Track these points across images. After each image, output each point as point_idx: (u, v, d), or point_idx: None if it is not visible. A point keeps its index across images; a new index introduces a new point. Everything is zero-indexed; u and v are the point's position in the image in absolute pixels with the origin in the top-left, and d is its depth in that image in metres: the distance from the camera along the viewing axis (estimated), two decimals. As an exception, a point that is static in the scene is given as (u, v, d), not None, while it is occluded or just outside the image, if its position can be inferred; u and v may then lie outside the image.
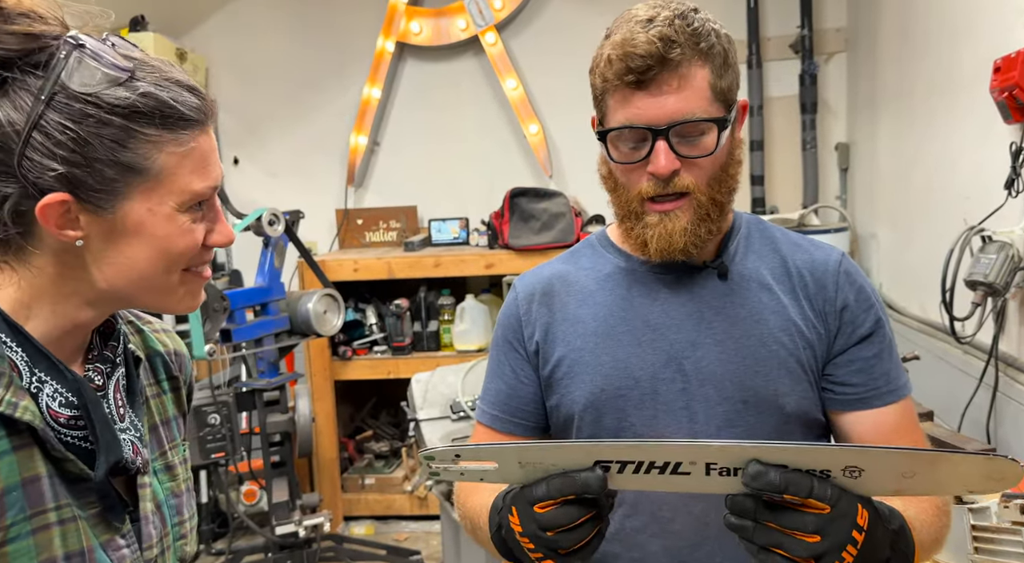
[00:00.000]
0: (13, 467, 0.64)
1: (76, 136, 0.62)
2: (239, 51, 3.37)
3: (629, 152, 0.87)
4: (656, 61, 0.82)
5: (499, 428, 1.00)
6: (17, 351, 0.66)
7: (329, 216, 3.39)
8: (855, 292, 0.93)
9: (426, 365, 2.88)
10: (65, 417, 0.68)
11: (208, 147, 0.68)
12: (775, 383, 0.90)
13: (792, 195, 3.13)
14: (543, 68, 3.23)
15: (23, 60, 0.62)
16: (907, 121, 2.38)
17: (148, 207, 0.66)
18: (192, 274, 0.71)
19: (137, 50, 0.67)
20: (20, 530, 0.63)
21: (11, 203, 0.63)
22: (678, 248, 0.88)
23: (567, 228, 2.96)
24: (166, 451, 0.79)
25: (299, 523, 2.40)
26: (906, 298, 2.45)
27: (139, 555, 0.71)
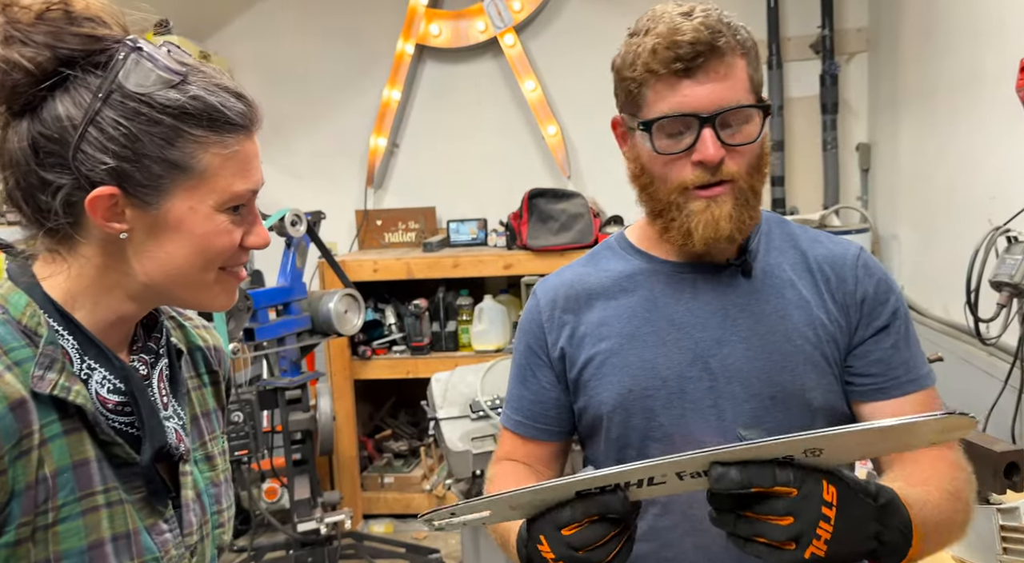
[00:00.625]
0: (64, 450, 0.66)
1: (128, 133, 0.65)
2: (261, 54, 3.41)
3: (671, 142, 0.87)
4: (705, 47, 0.83)
5: (524, 433, 1.02)
6: (68, 339, 0.69)
7: (349, 217, 3.42)
8: (874, 284, 0.94)
9: (445, 365, 2.89)
10: (113, 403, 0.70)
11: (251, 152, 0.71)
12: (802, 378, 0.90)
13: (813, 196, 3.11)
14: (562, 69, 3.24)
15: (85, 60, 0.66)
16: (930, 121, 2.36)
17: (190, 205, 0.68)
18: (228, 274, 0.73)
19: (190, 57, 0.70)
20: (71, 511, 0.66)
21: (63, 194, 0.66)
22: (724, 235, 0.88)
23: (585, 229, 2.97)
24: (206, 442, 0.82)
25: (320, 520, 2.42)
26: (929, 300, 2.43)
27: (180, 540, 0.74)
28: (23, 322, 0.67)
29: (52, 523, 0.65)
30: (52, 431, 0.66)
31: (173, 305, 0.78)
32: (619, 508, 0.67)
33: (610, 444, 0.95)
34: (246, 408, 2.44)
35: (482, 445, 2.29)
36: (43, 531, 0.64)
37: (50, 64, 0.65)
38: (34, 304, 0.68)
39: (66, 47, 0.65)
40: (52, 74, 0.66)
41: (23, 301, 0.68)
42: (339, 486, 3.10)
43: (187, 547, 0.75)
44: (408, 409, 3.55)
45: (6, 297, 0.69)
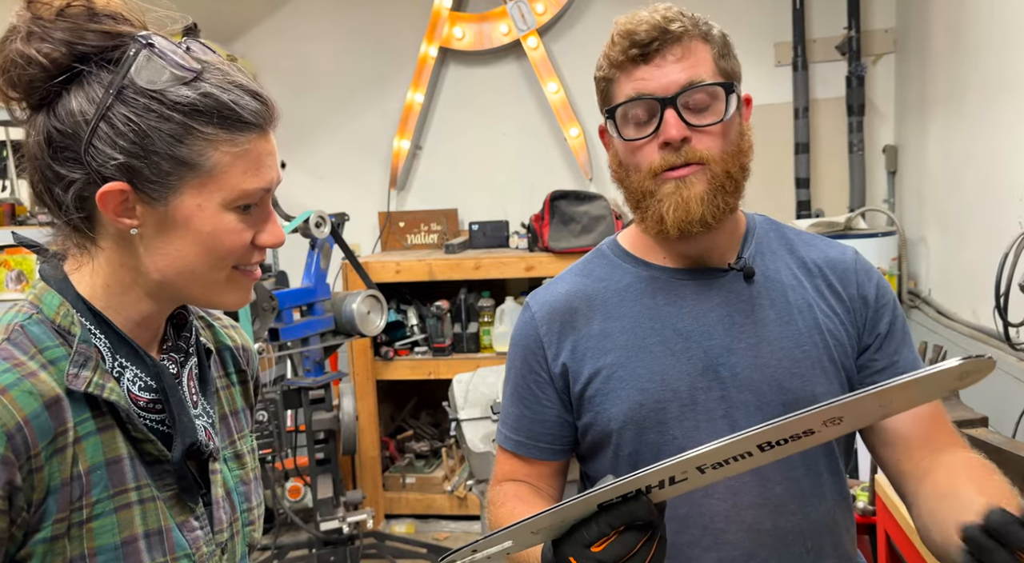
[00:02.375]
0: (98, 447, 0.67)
1: (138, 129, 0.65)
2: (287, 57, 3.45)
3: (638, 129, 0.87)
4: (659, 33, 0.86)
5: (525, 454, 0.98)
6: (101, 338, 0.70)
7: (372, 219, 3.45)
8: (874, 288, 0.94)
9: (466, 366, 2.90)
10: (144, 400, 0.71)
11: (264, 150, 0.70)
12: (812, 383, 0.89)
13: (838, 198, 3.08)
14: (584, 71, 3.24)
15: (99, 56, 0.66)
16: (958, 122, 2.33)
17: (198, 202, 0.68)
18: (240, 272, 0.73)
19: (212, 54, 0.70)
20: (104, 507, 0.67)
21: (76, 188, 0.67)
22: (695, 218, 0.86)
23: (607, 231, 2.96)
24: (235, 440, 0.82)
25: (343, 519, 2.44)
26: (957, 303, 2.40)
27: (211, 537, 0.74)
28: (57, 321, 0.68)
29: (87, 519, 0.66)
30: (86, 429, 0.67)
31: (188, 303, 0.78)
32: (644, 514, 0.65)
33: (620, 461, 0.93)
34: (270, 407, 2.47)
35: (503, 446, 2.30)
36: (78, 527, 0.65)
37: (65, 59, 0.65)
38: (67, 304, 0.69)
39: (83, 43, 0.65)
40: (67, 69, 0.66)
41: (56, 301, 0.69)
42: (361, 486, 3.12)
43: (218, 544, 0.75)
44: (429, 410, 3.57)
45: (40, 297, 0.70)
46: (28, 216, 3.17)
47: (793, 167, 3.06)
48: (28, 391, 0.64)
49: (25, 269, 3.07)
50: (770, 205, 3.19)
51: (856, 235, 2.71)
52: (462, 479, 3.19)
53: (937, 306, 2.54)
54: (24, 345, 0.66)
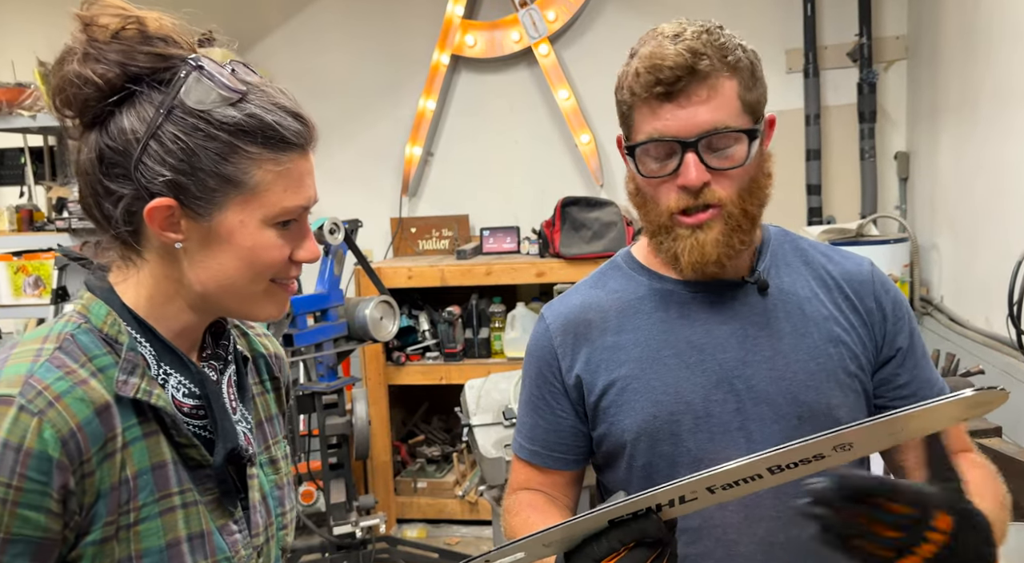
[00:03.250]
0: (144, 453, 0.70)
1: (186, 147, 0.68)
2: (300, 64, 3.48)
3: (657, 166, 0.87)
4: (685, 72, 0.83)
5: (540, 463, 0.99)
6: (146, 346, 0.72)
7: (384, 224, 3.47)
8: (891, 301, 0.94)
9: (477, 371, 2.92)
10: (188, 406, 0.74)
11: (304, 169, 0.73)
12: (827, 396, 0.89)
13: (850, 205, 3.08)
14: (595, 78, 3.26)
15: (151, 77, 0.69)
16: (970, 129, 2.33)
17: (240, 218, 0.70)
18: (278, 286, 0.75)
19: (256, 76, 0.73)
20: (150, 511, 0.69)
21: (125, 203, 0.70)
22: (711, 260, 0.87)
23: (618, 237, 2.97)
24: (270, 446, 0.84)
25: (356, 524, 2.46)
26: (970, 311, 2.39)
27: (249, 541, 0.77)
28: (104, 330, 0.71)
29: (134, 523, 0.68)
30: (132, 434, 0.69)
31: (227, 315, 0.80)
32: (654, 531, 0.66)
33: (635, 471, 0.93)
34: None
35: (515, 452, 2.31)
36: (125, 530, 0.68)
37: (119, 80, 0.68)
38: (114, 313, 0.72)
39: (136, 65, 0.68)
40: (120, 89, 0.69)
41: (104, 311, 0.72)
42: (372, 490, 3.14)
43: (254, 548, 0.77)
44: (441, 415, 3.58)
45: (87, 307, 0.73)
46: (46, 222, 3.21)
47: (804, 174, 3.06)
48: (80, 398, 0.66)
49: (43, 275, 3.11)
50: (781, 212, 3.19)
51: (868, 242, 2.71)
52: (473, 484, 3.21)
53: (949, 313, 2.53)
54: (75, 354, 0.69)
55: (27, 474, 0.63)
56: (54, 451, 0.64)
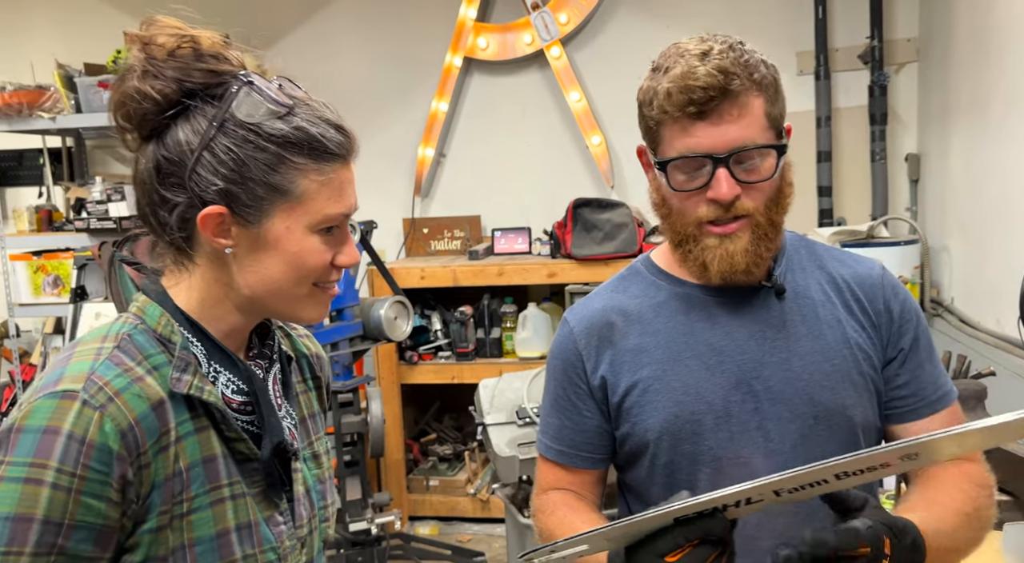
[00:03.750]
0: (196, 446, 0.73)
1: (237, 158, 0.72)
2: (315, 67, 3.52)
3: (687, 180, 0.89)
4: (718, 92, 0.85)
5: (565, 462, 1.01)
6: (197, 345, 0.76)
7: (396, 225, 3.51)
8: (900, 304, 0.97)
9: (489, 371, 2.95)
10: (237, 402, 0.78)
11: (346, 179, 0.77)
12: (842, 396, 0.92)
13: (861, 207, 3.09)
14: (606, 80, 3.28)
15: (204, 92, 0.73)
16: (981, 131, 2.34)
17: (287, 225, 0.74)
18: (320, 289, 0.79)
19: (300, 91, 0.77)
20: (201, 502, 0.73)
21: (179, 211, 0.74)
22: (739, 269, 0.90)
23: (629, 238, 3.00)
24: (312, 442, 0.88)
25: (371, 521, 2.50)
26: (980, 313, 2.40)
27: (293, 532, 0.80)
28: (158, 331, 0.75)
29: (186, 512, 0.72)
30: (185, 429, 0.73)
31: (272, 317, 0.83)
32: (719, 530, 0.69)
33: (657, 470, 0.96)
34: (300, 410, 2.52)
35: (529, 451, 2.33)
36: (179, 519, 0.71)
37: (175, 95, 0.72)
38: (167, 315, 0.75)
39: (191, 81, 0.73)
40: (176, 104, 0.73)
41: (157, 312, 0.76)
42: (386, 488, 3.18)
43: (298, 539, 0.81)
44: (452, 413, 3.61)
45: (143, 309, 0.76)
46: (64, 222, 3.26)
47: (815, 175, 3.08)
48: (137, 394, 0.70)
49: (62, 274, 3.16)
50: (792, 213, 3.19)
51: (878, 243, 2.73)
52: (485, 482, 3.24)
53: (960, 315, 2.55)
54: (132, 352, 0.73)
55: (90, 465, 0.67)
56: (114, 443, 0.68)
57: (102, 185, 3.07)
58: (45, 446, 0.66)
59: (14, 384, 3.23)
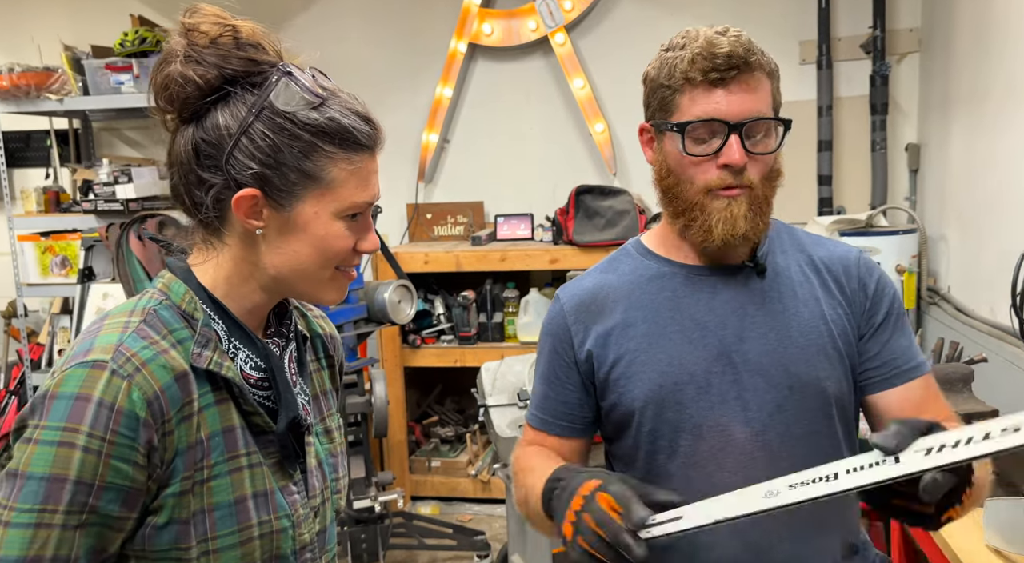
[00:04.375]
0: (216, 417, 0.77)
1: (272, 144, 0.75)
2: (319, 50, 3.52)
3: (701, 146, 0.95)
4: (740, 61, 0.93)
5: (550, 431, 1.07)
6: (218, 322, 0.80)
7: (400, 210, 3.54)
8: (874, 282, 1.03)
9: (491, 355, 2.99)
10: (254, 378, 0.81)
11: (372, 169, 0.80)
12: (816, 369, 0.98)
13: (860, 196, 3.12)
14: (610, 67, 3.30)
15: (244, 79, 0.77)
16: (981, 122, 2.37)
17: (315, 210, 0.78)
18: (341, 272, 0.82)
19: (332, 82, 0.80)
20: (221, 469, 0.77)
21: (215, 192, 0.77)
22: (740, 232, 0.96)
23: (631, 225, 3.03)
24: (324, 418, 0.92)
25: (375, 499, 2.55)
26: (975, 301, 2.44)
27: (307, 501, 0.84)
28: (182, 307, 0.78)
29: (207, 479, 0.76)
30: (206, 401, 0.77)
31: (294, 297, 0.87)
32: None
33: (642, 437, 1.01)
34: (306, 391, 2.57)
35: (529, 432, 2.38)
36: (200, 485, 0.75)
37: (216, 81, 0.76)
38: (191, 292, 0.79)
39: (231, 68, 0.76)
40: (217, 90, 0.76)
41: (182, 289, 0.79)
42: (388, 469, 3.23)
43: (312, 508, 0.85)
44: (454, 396, 3.67)
45: (168, 285, 0.80)
46: (72, 203, 3.30)
47: (816, 164, 3.11)
48: (163, 366, 0.74)
49: (69, 255, 3.20)
50: (792, 202, 3.23)
51: (876, 232, 2.76)
52: (486, 463, 3.29)
53: (956, 303, 2.59)
54: (157, 327, 0.77)
55: (119, 430, 0.71)
56: (141, 411, 0.71)
57: (109, 167, 3.09)
58: (77, 412, 0.70)
59: (22, 363, 3.28)
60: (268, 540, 0.79)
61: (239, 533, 0.77)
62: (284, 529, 0.80)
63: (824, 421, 0.99)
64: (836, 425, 1.00)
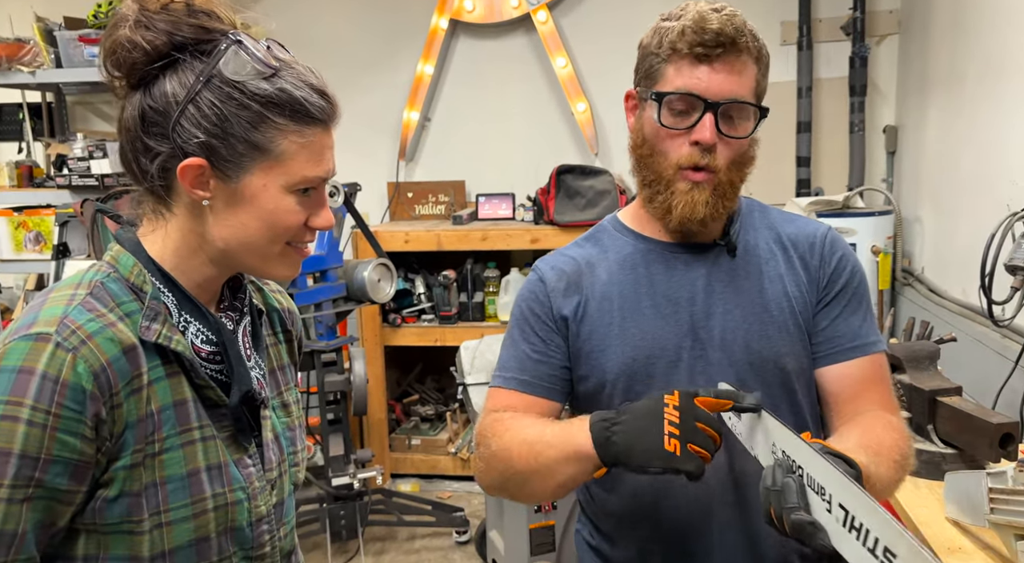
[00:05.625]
0: (166, 390, 0.77)
1: (220, 113, 0.74)
2: (299, 26, 3.48)
3: (676, 119, 0.96)
4: (728, 40, 0.93)
5: (529, 391, 1.03)
6: (168, 295, 0.79)
7: (381, 188, 3.52)
8: (836, 259, 1.04)
9: (471, 334, 3.00)
10: (206, 352, 0.81)
11: (325, 143, 0.79)
12: (777, 345, 1.00)
13: (838, 177, 3.14)
14: (592, 46, 3.29)
15: (194, 47, 0.75)
16: (957, 105, 2.39)
17: (264, 183, 0.77)
18: (292, 249, 0.81)
19: (289, 55, 0.79)
20: (173, 442, 0.77)
21: (161, 160, 0.76)
22: (698, 217, 0.97)
23: (611, 205, 3.03)
24: (282, 391, 0.92)
25: (354, 476, 2.56)
26: (947, 282, 2.48)
27: (262, 474, 0.84)
28: (130, 280, 0.78)
29: (158, 452, 0.76)
30: (156, 374, 0.76)
31: (244, 272, 0.86)
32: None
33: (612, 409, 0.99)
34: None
35: (507, 410, 2.40)
36: (151, 458, 0.75)
37: (165, 47, 0.74)
38: (140, 265, 0.78)
39: (181, 35, 0.74)
40: (165, 56, 0.75)
41: (131, 262, 0.78)
42: (368, 447, 3.24)
43: (268, 481, 0.85)
44: (435, 375, 3.68)
45: (116, 258, 0.79)
46: (46, 178, 3.24)
47: (795, 146, 3.12)
48: (110, 338, 0.73)
49: (43, 230, 3.15)
50: (771, 183, 3.25)
51: (853, 214, 2.79)
52: (465, 442, 3.32)
53: (929, 284, 2.63)
54: (104, 299, 0.76)
55: (64, 403, 0.70)
56: (87, 383, 0.71)
57: (83, 142, 3.04)
58: (20, 385, 0.69)
59: (-3, 341, 3.24)
60: (223, 512, 0.79)
61: (192, 505, 0.77)
62: (239, 501, 0.80)
63: (785, 395, 1.01)
64: (800, 399, 1.02)
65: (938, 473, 1.35)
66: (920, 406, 1.46)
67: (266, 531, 0.84)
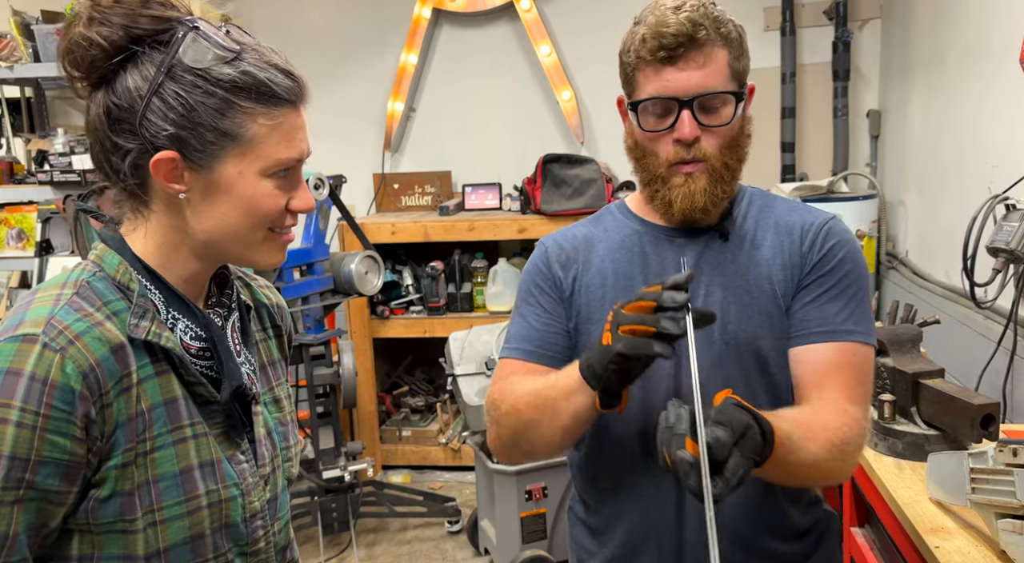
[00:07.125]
0: (156, 389, 0.76)
1: (186, 103, 0.73)
2: (281, 17, 3.45)
3: (657, 121, 0.99)
4: (686, 39, 0.95)
5: (537, 361, 1.06)
6: (155, 293, 0.78)
7: (366, 180, 3.50)
8: (828, 247, 1.04)
9: (460, 325, 3.00)
10: (195, 348, 0.80)
11: (296, 124, 0.78)
12: (754, 328, 1.02)
13: (822, 162, 3.16)
14: (577, 35, 3.27)
15: (152, 38, 0.74)
16: (938, 88, 2.40)
17: (239, 170, 0.75)
18: (276, 234, 0.80)
19: (249, 37, 0.77)
20: (164, 441, 0.76)
21: (131, 157, 0.75)
22: (698, 206, 1.00)
23: (598, 194, 3.04)
24: (273, 387, 0.91)
25: (344, 468, 2.56)
26: (931, 264, 2.50)
27: (256, 470, 0.84)
28: (117, 278, 0.77)
29: (150, 450, 0.75)
30: (146, 372, 0.76)
31: (229, 262, 0.85)
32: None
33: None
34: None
35: (497, 399, 2.40)
36: (143, 457, 0.75)
37: (122, 42, 0.73)
38: (125, 263, 0.77)
39: (138, 27, 0.73)
40: (123, 50, 0.73)
41: (116, 260, 0.77)
42: (359, 439, 3.24)
43: (261, 477, 0.85)
44: (424, 367, 3.68)
45: (101, 257, 0.78)
46: (26, 175, 3.20)
47: (779, 131, 3.13)
48: (97, 338, 0.73)
49: (26, 227, 3.12)
50: (756, 169, 3.23)
51: (837, 198, 2.80)
52: (456, 432, 3.32)
53: (913, 267, 2.65)
54: (91, 298, 0.75)
55: (53, 404, 0.69)
56: (76, 383, 0.70)
57: (64, 137, 3.01)
58: (8, 387, 0.68)
59: (-19, 340, 3.20)
60: (217, 509, 0.79)
61: (186, 503, 0.77)
62: (233, 497, 0.80)
63: (761, 378, 1.03)
64: (776, 381, 1.04)
65: (921, 454, 1.37)
66: (903, 389, 1.47)
67: (260, 527, 0.84)
